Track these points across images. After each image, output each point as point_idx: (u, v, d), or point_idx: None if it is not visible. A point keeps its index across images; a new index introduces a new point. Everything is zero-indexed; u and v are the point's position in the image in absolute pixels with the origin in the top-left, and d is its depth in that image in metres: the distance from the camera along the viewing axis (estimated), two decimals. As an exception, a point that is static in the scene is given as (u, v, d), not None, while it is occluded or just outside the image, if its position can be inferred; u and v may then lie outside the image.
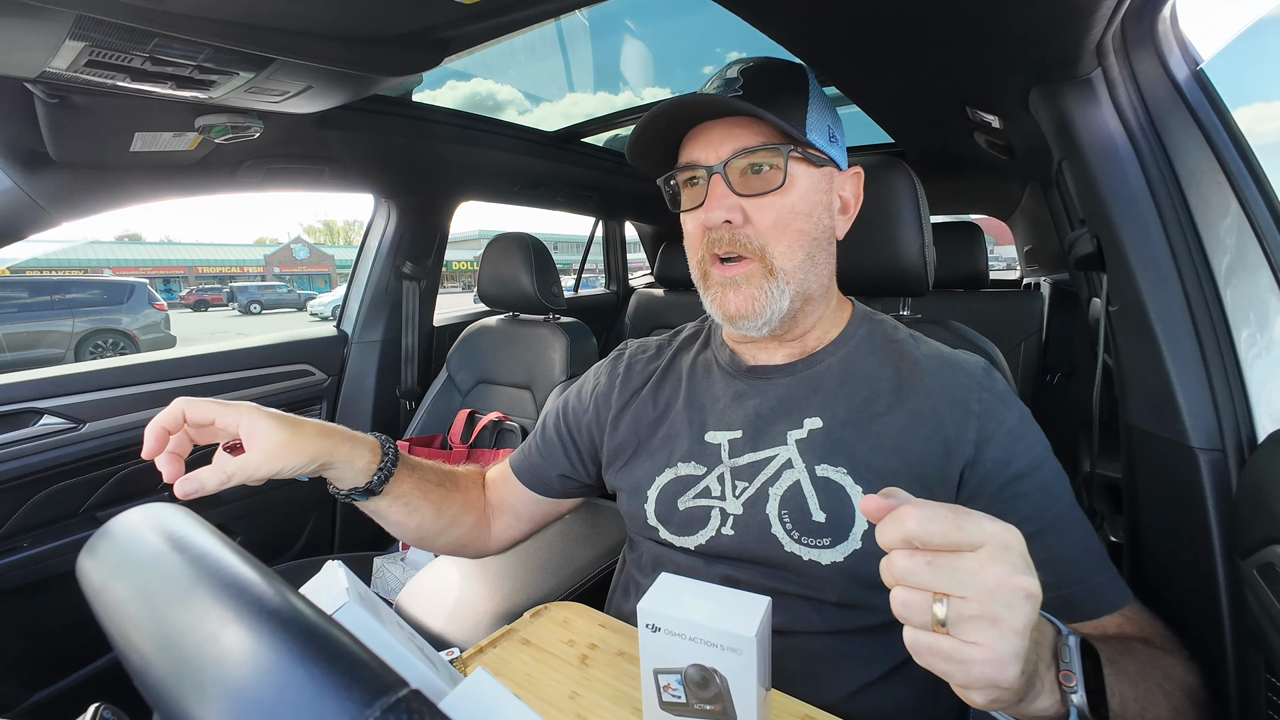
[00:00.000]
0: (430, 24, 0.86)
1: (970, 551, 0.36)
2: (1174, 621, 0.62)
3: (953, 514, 0.36)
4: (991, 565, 0.35)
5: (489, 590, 1.15)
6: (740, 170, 0.64)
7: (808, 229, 0.66)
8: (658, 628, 0.47)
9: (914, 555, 0.36)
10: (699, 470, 0.69)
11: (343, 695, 0.22)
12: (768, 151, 0.63)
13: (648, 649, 0.48)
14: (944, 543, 0.36)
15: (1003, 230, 3.40)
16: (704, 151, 0.65)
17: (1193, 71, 0.72)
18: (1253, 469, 0.60)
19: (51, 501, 1.26)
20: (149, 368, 1.42)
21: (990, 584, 0.35)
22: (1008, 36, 0.77)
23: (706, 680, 0.46)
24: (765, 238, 0.64)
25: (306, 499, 1.69)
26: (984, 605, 0.35)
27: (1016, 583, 0.35)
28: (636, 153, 0.70)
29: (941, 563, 0.35)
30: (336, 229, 73.19)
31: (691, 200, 0.68)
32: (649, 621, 0.47)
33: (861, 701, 0.62)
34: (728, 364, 0.75)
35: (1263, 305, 0.64)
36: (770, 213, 0.64)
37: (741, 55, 0.71)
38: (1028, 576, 0.36)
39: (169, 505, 0.36)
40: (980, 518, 0.37)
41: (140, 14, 0.69)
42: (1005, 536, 0.36)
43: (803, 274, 0.66)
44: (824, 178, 0.67)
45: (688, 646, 0.46)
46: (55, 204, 1.10)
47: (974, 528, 0.36)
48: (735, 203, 0.64)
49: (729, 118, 0.64)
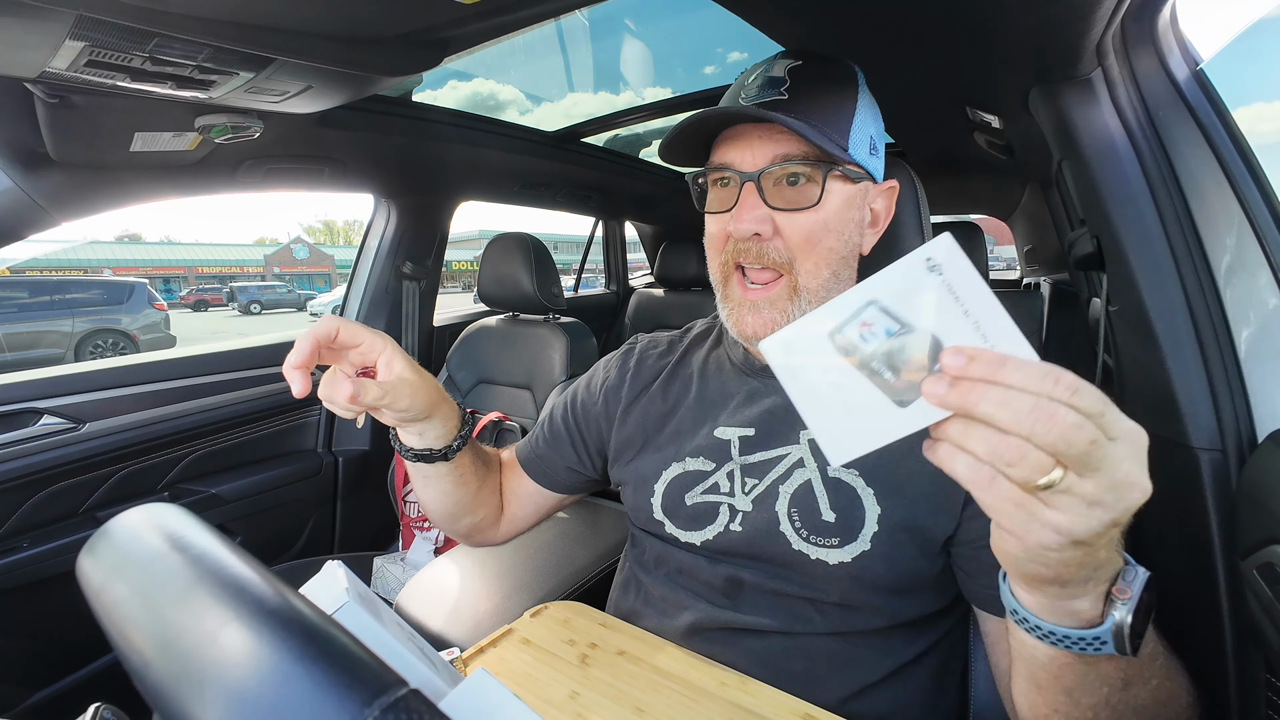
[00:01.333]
0: (430, 24, 0.86)
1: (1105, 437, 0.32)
2: (1174, 621, 0.62)
3: (1101, 397, 0.33)
4: (1127, 461, 0.33)
5: (489, 590, 1.15)
6: (775, 180, 0.62)
7: (837, 247, 0.64)
8: (939, 270, 0.34)
9: (1059, 409, 0.31)
10: (708, 466, 0.69)
11: (342, 695, 0.22)
12: (807, 166, 0.61)
13: (892, 279, 0.36)
14: (1088, 410, 0.32)
15: (1003, 230, 3.40)
16: (740, 155, 0.63)
17: (1193, 71, 0.72)
18: (1253, 469, 0.60)
19: (51, 501, 1.26)
20: (149, 368, 1.42)
21: (1120, 477, 0.33)
22: (1008, 36, 0.77)
23: (928, 363, 0.35)
24: (794, 252, 0.62)
25: (306, 499, 1.69)
26: (1103, 493, 0.33)
27: (1141, 481, 0.33)
28: (668, 148, 0.68)
29: (1098, 440, 0.32)
30: (336, 229, 73.22)
31: (720, 202, 0.66)
32: (935, 258, 0.34)
33: (862, 702, 0.62)
34: (741, 362, 0.74)
35: (1263, 305, 0.64)
36: (802, 228, 0.62)
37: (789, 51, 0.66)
38: (1147, 478, 0.34)
39: (169, 505, 0.36)
40: (1119, 413, 0.33)
41: (140, 14, 0.69)
42: (1141, 436, 0.34)
43: (826, 293, 0.64)
44: (859, 193, 0.65)
45: (950, 315, 0.34)
46: (55, 204, 1.10)
47: (1116, 415, 0.33)
48: (766, 214, 0.61)
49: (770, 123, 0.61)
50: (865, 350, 0.36)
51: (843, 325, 0.36)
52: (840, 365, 0.36)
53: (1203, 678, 0.63)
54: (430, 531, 1.61)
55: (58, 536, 1.25)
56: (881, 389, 0.36)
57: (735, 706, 0.57)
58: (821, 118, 0.60)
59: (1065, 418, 0.31)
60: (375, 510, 1.82)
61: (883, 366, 0.36)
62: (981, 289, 0.34)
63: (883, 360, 0.36)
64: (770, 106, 0.61)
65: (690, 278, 2.66)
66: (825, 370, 0.37)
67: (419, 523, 1.63)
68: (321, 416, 1.78)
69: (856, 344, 0.36)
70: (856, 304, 0.36)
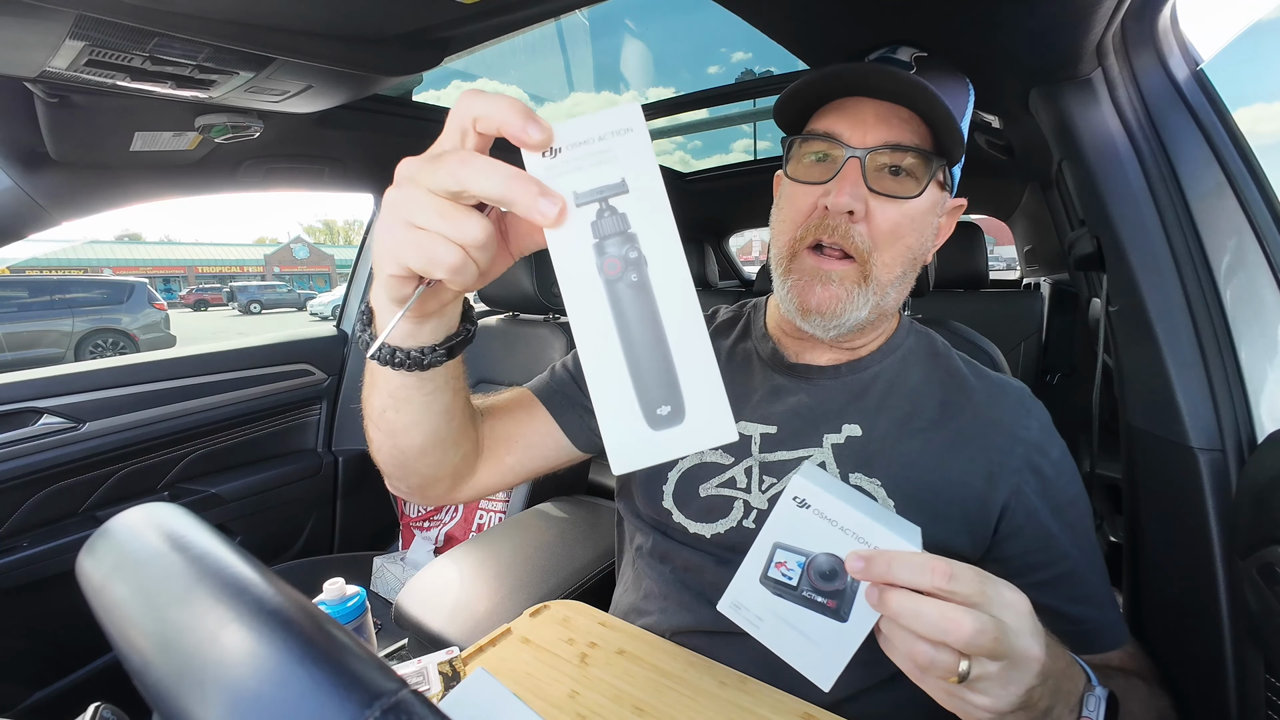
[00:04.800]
0: (430, 24, 0.86)
1: (997, 618, 0.38)
2: (1174, 621, 0.62)
3: (976, 573, 0.39)
4: (1020, 639, 0.38)
5: (488, 590, 1.15)
6: (880, 164, 0.59)
7: (914, 245, 0.62)
8: (806, 504, 0.43)
9: (965, 616, 0.37)
10: (726, 459, 0.68)
11: (342, 695, 0.22)
12: (918, 157, 0.58)
13: (780, 521, 0.44)
14: (966, 599, 0.38)
15: (1003, 230, 3.40)
16: (851, 128, 0.59)
17: (1193, 71, 0.72)
18: (1252, 469, 0.60)
19: (51, 501, 1.26)
20: (149, 368, 1.42)
21: (1018, 655, 0.38)
22: (1008, 37, 0.77)
23: (835, 574, 0.43)
24: (877, 241, 0.60)
25: (306, 499, 1.69)
26: (1009, 672, 0.38)
27: (1035, 654, 0.39)
28: (789, 100, 0.63)
29: (998, 637, 0.37)
30: (336, 229, 73.20)
31: (813, 174, 0.62)
32: (800, 495, 0.43)
33: (861, 703, 0.62)
34: (769, 357, 0.73)
35: (1263, 305, 0.64)
36: (891, 218, 0.59)
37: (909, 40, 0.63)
38: (1040, 647, 0.39)
39: (169, 505, 0.36)
40: (998, 581, 0.40)
41: (140, 14, 0.69)
42: (1023, 605, 0.40)
43: (893, 290, 0.62)
44: (941, 201, 0.63)
45: (832, 534, 0.42)
46: (55, 203, 1.10)
47: (995, 592, 0.39)
48: (864, 194, 0.58)
49: (885, 101, 0.58)
50: (794, 583, 0.44)
51: (765, 570, 0.44)
52: (782, 604, 0.44)
53: (1203, 678, 0.63)
54: (430, 531, 1.61)
55: (57, 536, 1.25)
56: (821, 613, 0.43)
57: (735, 706, 0.57)
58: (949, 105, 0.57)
59: (968, 626, 0.36)
60: (375, 510, 1.82)
61: (813, 593, 0.43)
62: (844, 509, 0.42)
63: (809, 587, 0.43)
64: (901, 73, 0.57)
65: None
66: (775, 613, 0.44)
67: (419, 523, 1.63)
68: (321, 416, 1.78)
69: (784, 581, 0.44)
70: (765, 551, 0.44)
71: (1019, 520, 0.60)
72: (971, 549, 0.61)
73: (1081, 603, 0.60)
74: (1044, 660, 0.39)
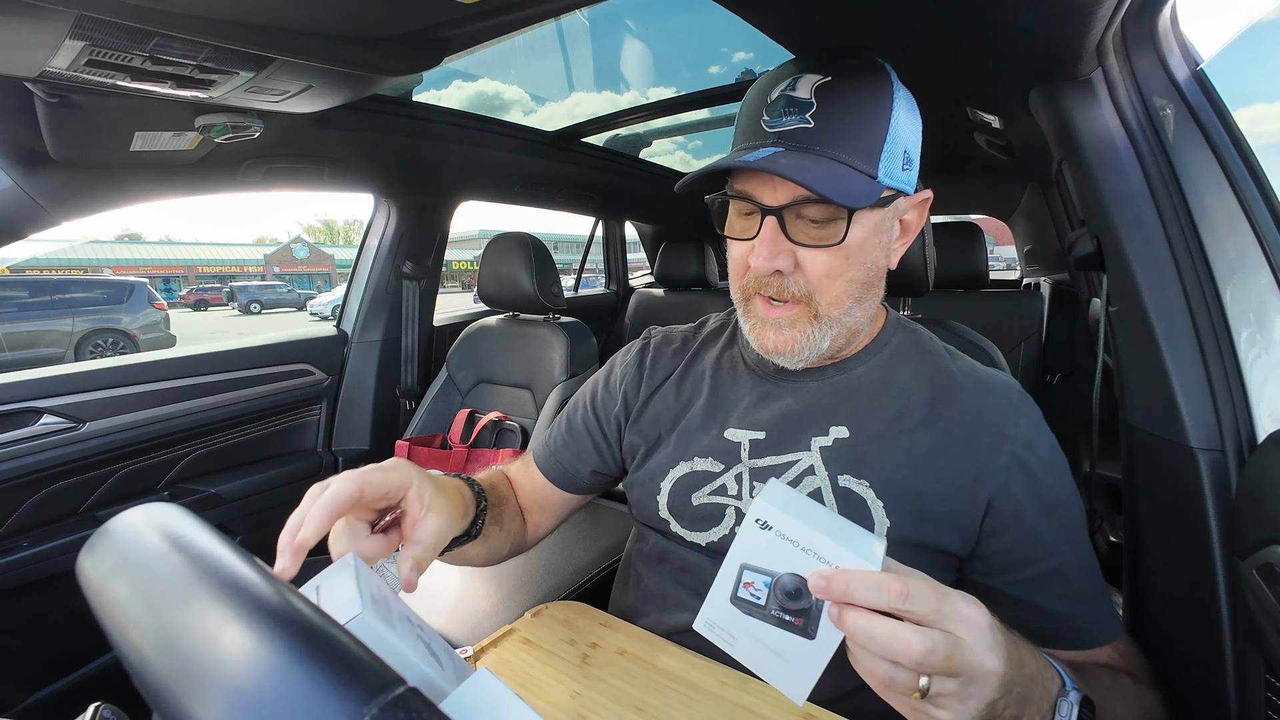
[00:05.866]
0: (430, 24, 0.86)
1: (953, 634, 0.39)
2: (1174, 621, 0.62)
3: (934, 591, 0.39)
4: (974, 654, 0.39)
5: (489, 590, 1.15)
6: (797, 216, 0.59)
7: (859, 277, 0.62)
8: (768, 526, 0.45)
9: (915, 636, 0.37)
10: (716, 467, 0.69)
11: (341, 694, 0.22)
12: (832, 205, 0.57)
13: (745, 543, 0.46)
14: (922, 618, 0.38)
15: (1003, 230, 3.40)
16: (761, 188, 0.60)
17: (1193, 71, 0.72)
18: (1252, 469, 0.60)
19: (51, 501, 1.26)
20: (149, 367, 1.41)
21: (974, 670, 0.39)
22: (1008, 36, 0.77)
23: (799, 593, 0.44)
24: (814, 286, 0.61)
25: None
26: (966, 688, 0.39)
27: (992, 668, 0.39)
28: (687, 190, 0.65)
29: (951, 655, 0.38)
30: (336, 229, 73.16)
31: (740, 229, 0.64)
32: (761, 517, 0.45)
33: (859, 700, 0.62)
34: (755, 364, 0.73)
35: (1263, 305, 0.64)
36: (823, 264, 0.60)
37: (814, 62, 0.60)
38: (999, 661, 0.40)
39: (169, 505, 0.36)
40: (956, 597, 0.40)
41: (140, 14, 0.69)
42: (981, 619, 0.40)
43: (849, 318, 0.63)
44: (888, 214, 0.62)
45: (794, 554, 0.44)
46: (55, 203, 1.10)
47: (951, 608, 0.39)
48: (788, 249, 0.59)
49: (797, 152, 0.57)
50: (762, 603, 0.45)
51: (735, 591, 0.46)
52: (753, 623, 0.45)
53: (1203, 678, 0.63)
54: (430, 531, 1.61)
55: (57, 536, 1.25)
56: (790, 631, 0.44)
57: (735, 706, 0.57)
58: (850, 146, 0.57)
59: (917, 646, 0.37)
60: (375, 510, 1.82)
61: (781, 612, 0.45)
62: (803, 531, 0.43)
63: (777, 607, 0.45)
64: (794, 136, 0.57)
65: (690, 278, 2.66)
66: (747, 631, 0.46)
67: (419, 522, 1.63)
68: (321, 416, 1.78)
69: (753, 601, 0.45)
70: (734, 572, 0.46)
71: (1004, 517, 0.60)
72: (961, 547, 0.61)
73: (1070, 599, 0.60)
74: (1003, 673, 0.40)
